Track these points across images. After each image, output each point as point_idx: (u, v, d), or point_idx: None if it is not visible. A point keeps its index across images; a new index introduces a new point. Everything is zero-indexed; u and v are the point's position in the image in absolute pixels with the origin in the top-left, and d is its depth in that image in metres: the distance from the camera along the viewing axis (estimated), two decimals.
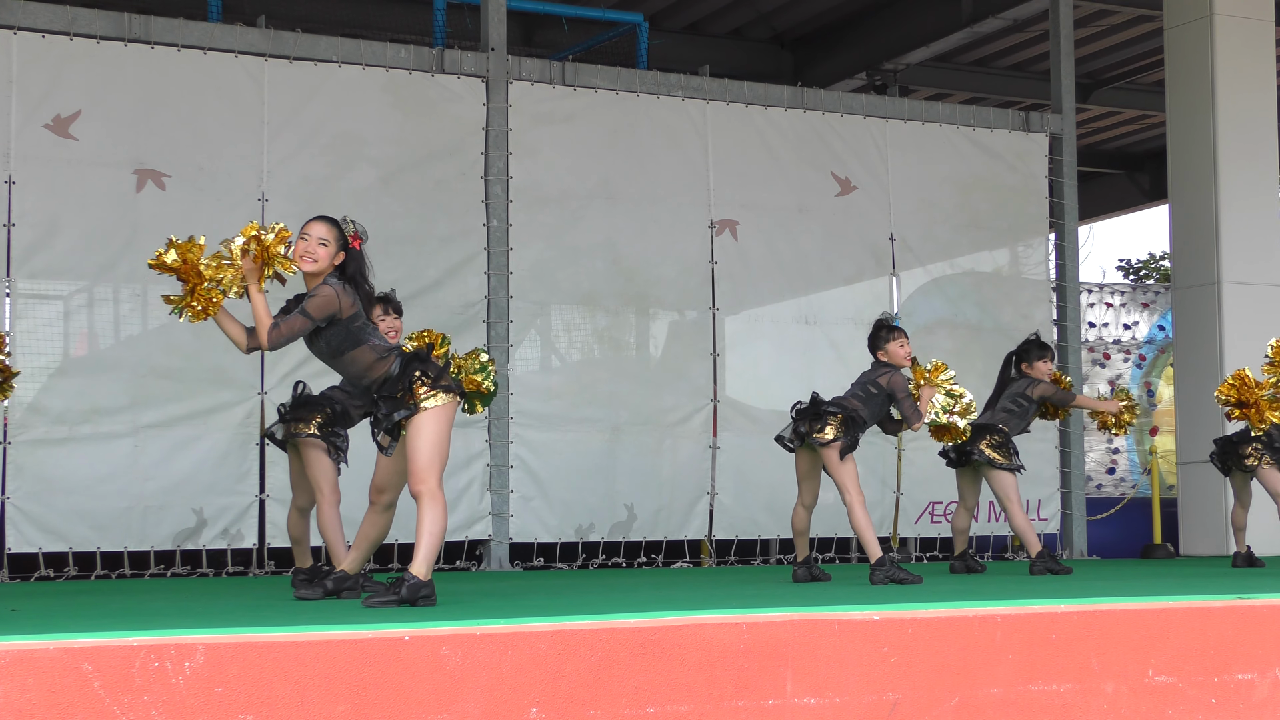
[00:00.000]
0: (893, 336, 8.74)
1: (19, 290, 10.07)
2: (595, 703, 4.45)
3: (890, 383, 8.65)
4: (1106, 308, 17.69)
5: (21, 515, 9.90)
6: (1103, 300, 17.70)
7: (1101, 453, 17.24)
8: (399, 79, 11.23)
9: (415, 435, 6.18)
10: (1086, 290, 17.69)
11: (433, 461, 6.16)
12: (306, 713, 4.13)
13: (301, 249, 6.33)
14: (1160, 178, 18.11)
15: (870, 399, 8.67)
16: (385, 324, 7.61)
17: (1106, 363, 17.49)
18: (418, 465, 6.16)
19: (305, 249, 6.34)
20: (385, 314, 7.67)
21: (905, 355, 8.71)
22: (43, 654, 3.93)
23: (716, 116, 12.21)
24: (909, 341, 8.80)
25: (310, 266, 6.33)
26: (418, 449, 6.17)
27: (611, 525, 11.54)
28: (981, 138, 13.17)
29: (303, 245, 6.35)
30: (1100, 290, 17.79)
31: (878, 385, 8.67)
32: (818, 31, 16.28)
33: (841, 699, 4.77)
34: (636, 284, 11.88)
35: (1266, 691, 5.37)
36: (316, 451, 7.66)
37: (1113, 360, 17.50)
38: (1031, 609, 5.19)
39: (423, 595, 6.05)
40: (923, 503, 12.53)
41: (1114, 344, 17.61)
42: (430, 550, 6.11)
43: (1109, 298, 17.80)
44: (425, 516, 6.12)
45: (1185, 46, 13.47)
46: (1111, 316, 17.67)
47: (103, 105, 10.38)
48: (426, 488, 6.13)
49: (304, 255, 6.32)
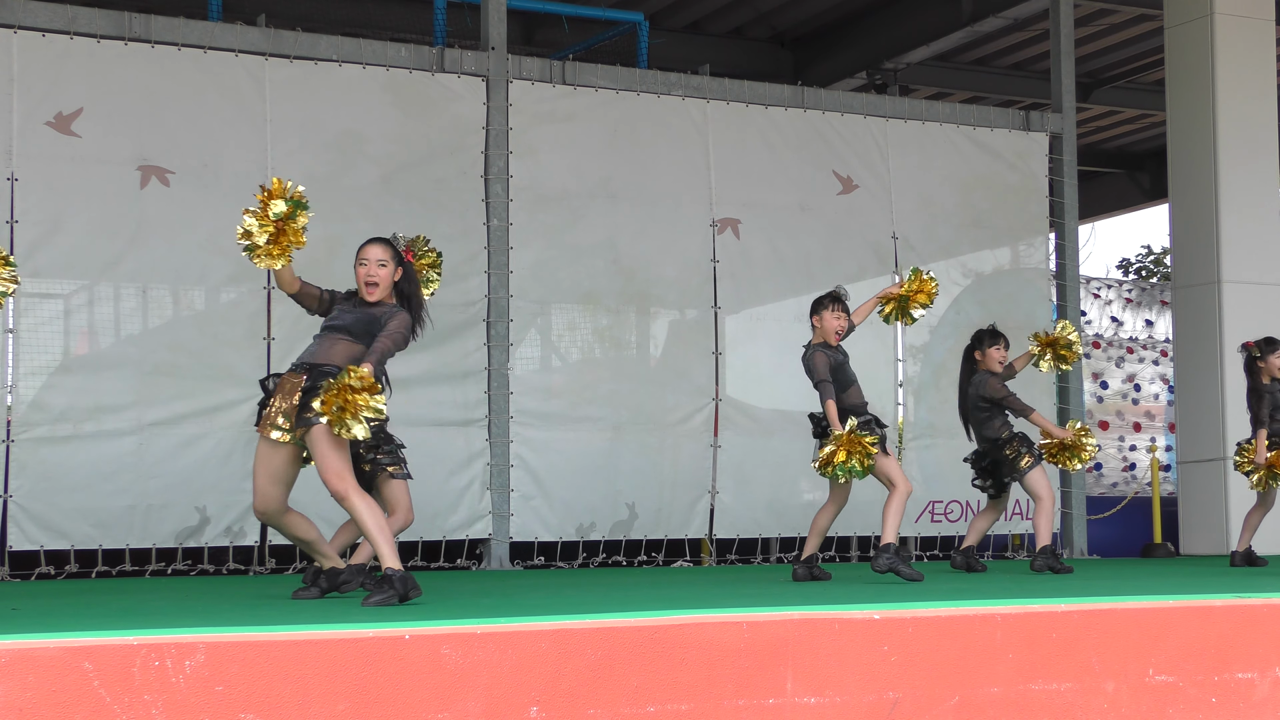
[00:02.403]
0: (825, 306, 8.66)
1: (23, 288, 10.07)
2: (596, 702, 4.45)
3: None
4: (1126, 303, 17.69)
5: (23, 513, 9.90)
6: (1121, 296, 17.68)
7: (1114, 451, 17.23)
8: (399, 78, 11.24)
9: (316, 443, 6.32)
10: (1106, 286, 17.70)
11: (342, 462, 6.27)
12: (307, 712, 4.13)
13: (364, 274, 6.63)
14: (1160, 177, 18.13)
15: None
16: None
17: (1128, 357, 17.48)
18: (328, 470, 6.26)
19: (367, 274, 6.63)
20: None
21: (839, 327, 8.61)
22: (43, 653, 3.93)
23: (717, 115, 12.21)
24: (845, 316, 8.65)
25: (375, 295, 6.64)
26: (322, 455, 6.28)
27: (612, 524, 11.55)
28: (982, 137, 13.18)
29: (363, 271, 6.63)
30: (1119, 286, 17.79)
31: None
32: (818, 31, 16.29)
33: (842, 698, 4.77)
34: (637, 283, 11.88)
35: (1267, 691, 5.38)
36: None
37: (1134, 355, 17.49)
38: (1032, 608, 5.20)
39: (411, 587, 6.12)
40: (923, 502, 12.53)
41: (1131, 340, 17.60)
42: (388, 542, 6.22)
43: (1127, 293, 17.80)
44: (357, 513, 6.24)
45: (1185, 46, 13.47)
46: (1130, 313, 17.65)
47: (104, 103, 10.38)
48: (345, 485, 6.24)
49: (367, 281, 6.63)
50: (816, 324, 8.64)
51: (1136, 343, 17.60)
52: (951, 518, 12.67)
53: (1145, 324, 17.73)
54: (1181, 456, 13.47)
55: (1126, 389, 17.49)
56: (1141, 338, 17.68)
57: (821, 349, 8.55)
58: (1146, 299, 17.83)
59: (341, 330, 6.57)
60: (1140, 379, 17.56)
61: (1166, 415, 17.52)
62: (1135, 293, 17.89)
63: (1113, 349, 17.39)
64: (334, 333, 6.58)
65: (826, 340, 8.60)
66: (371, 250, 6.65)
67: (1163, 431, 17.45)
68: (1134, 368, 17.54)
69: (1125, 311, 17.65)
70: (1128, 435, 17.43)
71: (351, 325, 6.57)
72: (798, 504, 12.20)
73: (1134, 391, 17.51)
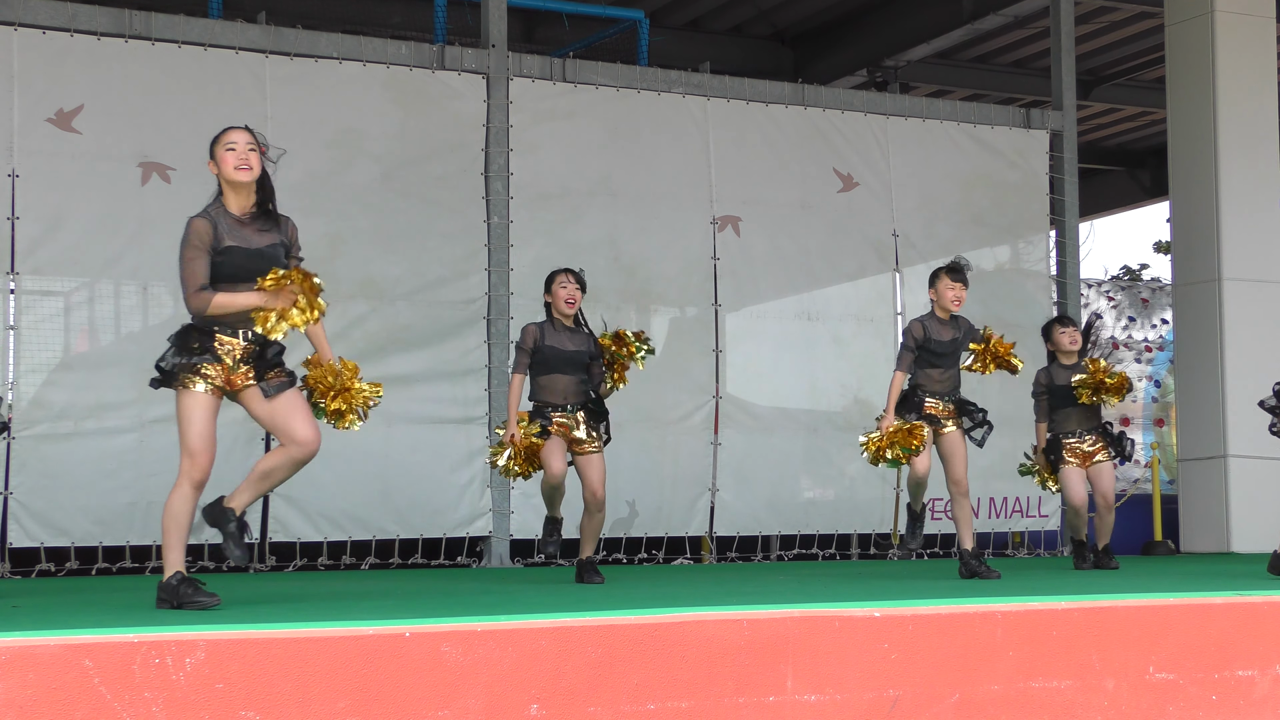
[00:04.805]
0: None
1: (24, 285, 10.08)
2: (596, 699, 4.45)
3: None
4: (1143, 304, 17.69)
5: (24, 510, 9.90)
6: (1104, 295, 17.69)
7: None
8: (400, 75, 11.23)
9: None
10: (1120, 287, 17.70)
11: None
12: (307, 709, 4.13)
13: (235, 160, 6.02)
14: (1161, 174, 18.11)
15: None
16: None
17: (1145, 356, 17.47)
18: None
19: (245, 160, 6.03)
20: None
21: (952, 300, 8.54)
22: (44, 650, 3.93)
23: (717, 113, 12.21)
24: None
25: (247, 177, 6.04)
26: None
27: (613, 521, 11.53)
28: (983, 134, 13.17)
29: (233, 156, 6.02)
30: (1133, 286, 17.79)
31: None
32: (818, 28, 16.27)
33: (842, 695, 4.77)
34: (638, 280, 11.88)
35: (1267, 688, 5.38)
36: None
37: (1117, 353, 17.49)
38: (1032, 606, 5.20)
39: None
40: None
41: (1142, 341, 17.60)
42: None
43: (1143, 293, 17.81)
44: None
45: (1186, 43, 13.46)
46: (1113, 313, 17.66)
47: (105, 100, 10.38)
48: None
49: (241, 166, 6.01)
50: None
51: (1119, 342, 17.63)
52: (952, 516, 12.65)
53: (1128, 322, 17.74)
54: (1182, 454, 13.46)
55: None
56: (1123, 337, 17.69)
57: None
58: (1130, 298, 17.84)
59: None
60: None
61: (1149, 411, 17.53)
62: (1118, 292, 17.90)
63: (1095, 349, 17.40)
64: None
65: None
66: (237, 133, 6.05)
67: (1147, 428, 17.47)
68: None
69: (1109, 311, 17.67)
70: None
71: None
72: (798, 501, 12.21)
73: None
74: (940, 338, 8.53)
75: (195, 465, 6.15)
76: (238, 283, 5.95)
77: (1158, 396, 17.57)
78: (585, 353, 8.29)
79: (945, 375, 8.56)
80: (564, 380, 8.27)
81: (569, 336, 8.28)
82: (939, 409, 8.55)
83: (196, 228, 5.97)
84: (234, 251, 5.96)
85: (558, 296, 8.26)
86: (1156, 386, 17.57)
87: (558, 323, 8.26)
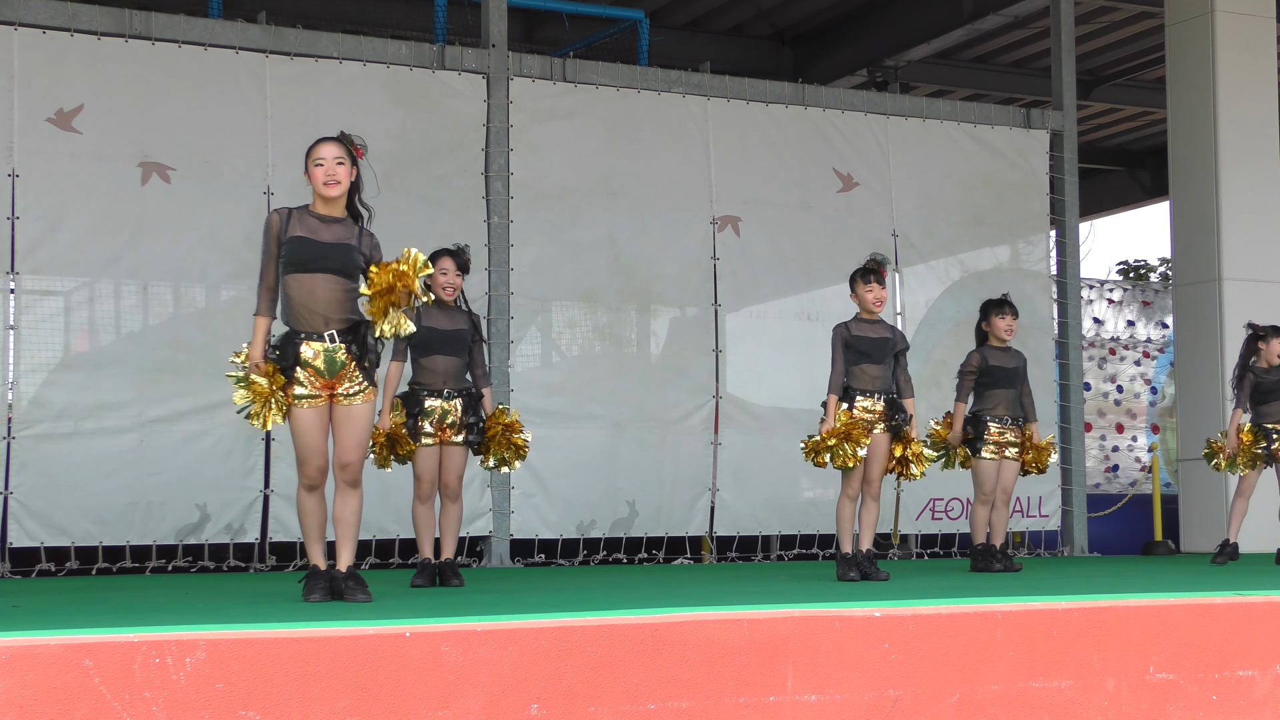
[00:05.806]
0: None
1: (24, 285, 10.07)
2: (596, 699, 4.45)
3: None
4: (1144, 305, 17.71)
5: (24, 510, 9.90)
6: (1103, 297, 17.70)
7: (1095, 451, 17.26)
8: (400, 75, 11.23)
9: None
10: (1121, 289, 17.72)
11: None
12: (307, 709, 4.13)
13: (327, 175, 6.44)
14: (1161, 174, 18.12)
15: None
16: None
17: (1110, 357, 17.49)
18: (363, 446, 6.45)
19: (332, 175, 6.44)
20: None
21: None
22: (44, 650, 3.93)
23: (717, 113, 12.21)
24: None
25: (335, 192, 6.45)
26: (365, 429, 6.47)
27: (613, 521, 11.54)
28: (983, 134, 13.17)
29: (321, 171, 6.45)
30: (1100, 287, 17.80)
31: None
32: (818, 28, 16.28)
33: (842, 695, 4.77)
34: (638, 280, 11.88)
35: (1267, 688, 5.38)
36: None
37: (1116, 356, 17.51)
38: (1032, 606, 5.20)
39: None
40: (923, 499, 12.53)
41: (1112, 341, 17.61)
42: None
43: (1146, 295, 17.82)
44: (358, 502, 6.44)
45: (1186, 43, 13.47)
46: (1111, 314, 17.68)
47: (105, 100, 10.38)
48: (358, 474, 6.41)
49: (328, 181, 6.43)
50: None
51: (1118, 343, 17.63)
52: (952, 515, 12.67)
53: (1127, 324, 17.75)
54: (1182, 454, 13.47)
55: (1109, 389, 17.55)
56: (1123, 338, 17.70)
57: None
58: (1128, 300, 17.86)
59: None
60: (1121, 379, 17.60)
61: (1149, 415, 17.56)
62: (1117, 293, 17.92)
63: (1094, 350, 17.41)
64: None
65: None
66: (326, 148, 6.44)
67: (1145, 431, 17.50)
68: (1115, 368, 17.58)
69: (1107, 312, 17.68)
70: (1110, 435, 17.49)
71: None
72: (798, 501, 12.20)
73: (1116, 392, 17.57)
74: (869, 335, 8.49)
75: (302, 472, 6.41)
76: (298, 272, 6.29)
77: (1155, 401, 17.60)
78: (466, 331, 7.95)
79: (880, 373, 8.48)
80: (443, 361, 7.90)
81: (448, 316, 7.94)
82: (870, 410, 8.47)
83: (267, 222, 6.41)
84: (297, 242, 6.30)
85: (436, 280, 7.88)
86: (1154, 392, 17.60)
87: (438, 303, 7.93)
